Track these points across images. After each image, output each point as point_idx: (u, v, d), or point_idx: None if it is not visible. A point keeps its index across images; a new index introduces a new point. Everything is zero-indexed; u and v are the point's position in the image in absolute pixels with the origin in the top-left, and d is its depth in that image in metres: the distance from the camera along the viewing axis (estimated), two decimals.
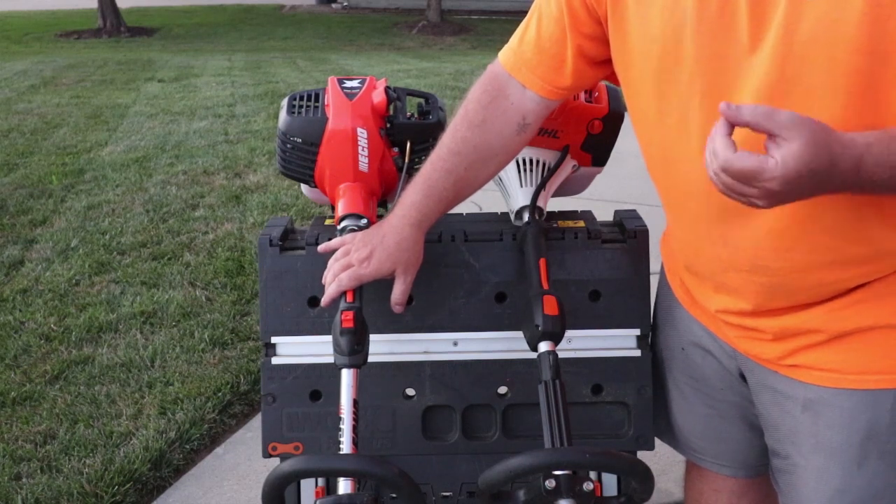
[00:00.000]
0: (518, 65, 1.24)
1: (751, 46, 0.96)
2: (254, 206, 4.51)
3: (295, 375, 1.45)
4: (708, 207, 1.07)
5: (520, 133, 1.29)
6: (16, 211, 4.52)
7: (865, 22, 0.88)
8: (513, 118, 1.27)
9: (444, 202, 1.32)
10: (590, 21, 1.15)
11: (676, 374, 1.39)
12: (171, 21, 16.86)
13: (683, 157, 1.07)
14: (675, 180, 1.12)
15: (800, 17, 0.91)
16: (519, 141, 1.30)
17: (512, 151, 1.33)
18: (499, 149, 1.30)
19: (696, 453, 1.42)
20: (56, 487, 2.24)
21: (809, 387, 1.14)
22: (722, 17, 0.97)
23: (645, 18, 1.05)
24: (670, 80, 1.04)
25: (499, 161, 1.32)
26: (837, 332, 1.10)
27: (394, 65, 10.39)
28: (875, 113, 0.92)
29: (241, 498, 2.26)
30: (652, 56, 1.06)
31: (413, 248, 1.32)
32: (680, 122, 1.06)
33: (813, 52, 0.91)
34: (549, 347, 1.26)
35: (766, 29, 0.94)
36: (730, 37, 0.97)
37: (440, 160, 1.31)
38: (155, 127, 6.55)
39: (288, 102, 1.54)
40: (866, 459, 1.12)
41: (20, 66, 10.33)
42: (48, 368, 2.87)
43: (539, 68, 1.22)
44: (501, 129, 1.28)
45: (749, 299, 1.14)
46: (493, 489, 1.15)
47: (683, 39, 1.01)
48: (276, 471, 1.15)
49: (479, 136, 1.28)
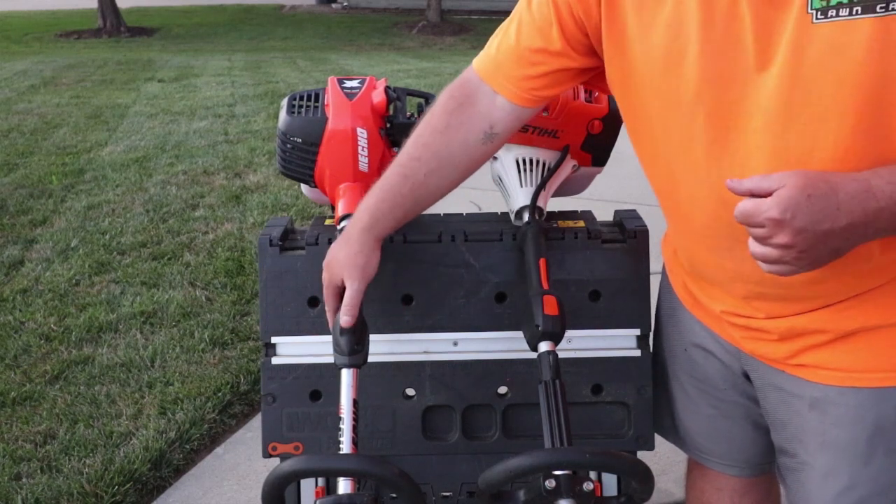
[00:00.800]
0: (492, 71, 1.22)
1: (757, 66, 0.96)
2: (254, 206, 4.51)
3: (295, 375, 1.45)
4: (715, 222, 1.08)
5: (485, 143, 1.25)
6: (16, 211, 4.52)
7: (874, 47, 0.88)
8: (478, 126, 1.24)
9: (400, 208, 1.28)
10: (577, 32, 1.14)
11: (680, 375, 1.39)
12: (171, 21, 16.86)
13: (689, 175, 1.08)
14: (681, 195, 1.12)
15: (808, 40, 0.91)
16: (484, 151, 1.26)
17: (476, 161, 1.28)
18: (461, 157, 1.26)
19: (701, 453, 1.42)
20: (56, 487, 2.24)
21: (816, 385, 1.15)
22: (728, 38, 0.97)
23: (646, 37, 1.05)
24: (674, 100, 1.04)
25: (460, 171, 1.28)
26: (842, 331, 1.10)
27: (394, 65, 10.39)
28: (884, 134, 0.93)
29: (241, 498, 2.26)
30: (654, 74, 1.05)
31: (360, 254, 1.27)
32: (684, 140, 1.06)
33: (821, 74, 0.92)
34: (549, 347, 1.26)
35: (773, 51, 0.94)
36: (735, 57, 0.97)
37: (398, 165, 1.27)
38: (155, 127, 6.55)
39: (288, 102, 1.54)
40: (873, 456, 1.13)
41: (20, 66, 10.33)
42: (48, 368, 2.87)
43: (513, 75, 1.20)
44: (465, 136, 1.24)
45: (756, 306, 1.15)
46: (493, 489, 1.15)
47: (687, 59, 1.01)
48: (276, 471, 1.15)
49: (441, 142, 1.25)
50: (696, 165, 1.05)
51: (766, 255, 0.94)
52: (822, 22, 0.90)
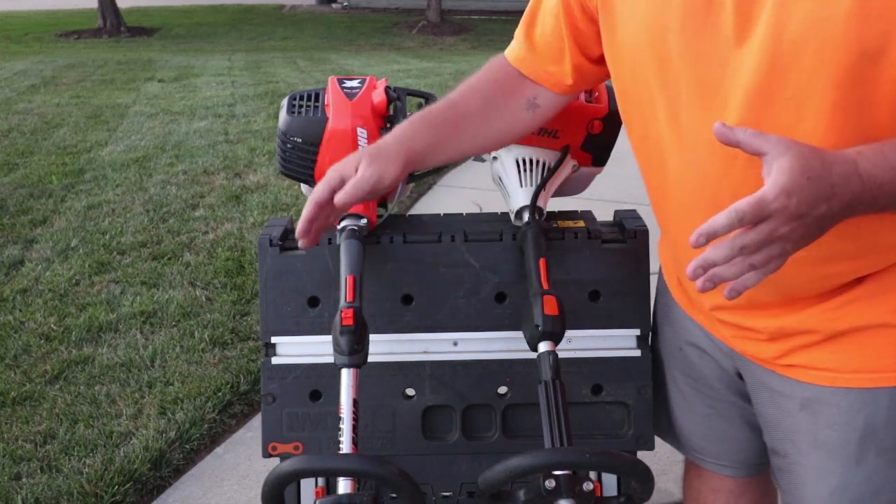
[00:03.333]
0: (527, 63, 1.25)
1: (736, 41, 0.95)
2: (254, 206, 4.51)
3: (295, 375, 1.45)
4: (700, 200, 1.07)
5: (528, 109, 1.26)
6: (16, 211, 4.52)
7: (853, 21, 0.88)
8: (522, 94, 1.26)
9: (435, 130, 1.23)
10: (584, 18, 1.16)
11: (675, 374, 1.39)
12: (171, 21, 16.85)
13: (674, 152, 1.08)
14: (668, 173, 1.12)
15: (787, 15, 0.91)
16: (526, 118, 1.27)
17: (516, 124, 1.27)
18: (504, 112, 1.26)
19: (697, 453, 1.42)
20: (56, 487, 2.24)
21: (806, 386, 1.14)
22: (708, 13, 0.97)
23: (632, 13, 1.06)
24: (658, 75, 1.04)
25: (500, 126, 1.26)
26: (832, 332, 1.10)
27: (394, 65, 10.39)
28: (864, 109, 0.92)
29: (241, 498, 2.26)
30: (639, 51, 1.06)
31: (385, 153, 1.18)
32: (669, 117, 1.06)
33: (801, 49, 0.91)
34: (549, 347, 1.26)
35: (752, 25, 0.94)
36: (716, 32, 0.97)
37: (443, 99, 1.26)
38: (155, 127, 6.55)
39: (288, 102, 1.54)
40: (864, 457, 1.13)
41: (20, 66, 10.33)
42: (48, 368, 2.87)
43: (542, 70, 1.23)
44: (509, 97, 1.26)
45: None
46: (493, 489, 1.15)
47: (670, 34, 1.01)
48: (275, 471, 1.15)
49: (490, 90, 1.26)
50: (680, 141, 1.05)
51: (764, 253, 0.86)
52: None
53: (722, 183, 1.01)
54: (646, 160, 1.17)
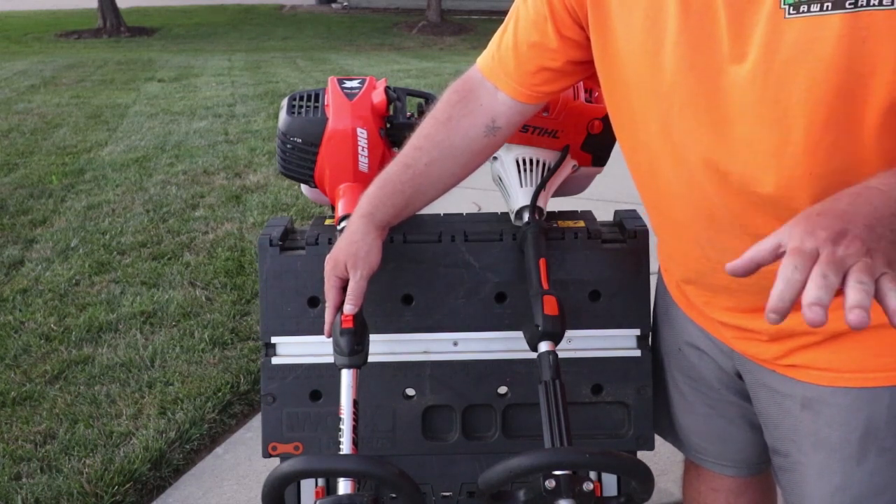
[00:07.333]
0: (493, 68, 1.23)
1: (731, 59, 0.96)
2: (254, 206, 4.51)
3: (295, 375, 1.45)
4: (694, 211, 1.08)
5: (487, 136, 1.26)
6: (16, 211, 4.52)
7: (843, 42, 0.88)
8: (481, 118, 1.25)
9: (400, 196, 1.28)
10: (571, 24, 1.15)
11: (675, 375, 1.39)
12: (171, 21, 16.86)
13: (666, 164, 1.08)
14: (660, 184, 1.12)
15: (780, 35, 0.91)
16: (486, 144, 1.27)
17: (477, 154, 1.29)
18: (463, 149, 1.27)
19: (698, 453, 1.42)
20: (56, 487, 2.24)
21: (807, 385, 1.15)
22: (702, 29, 0.97)
23: (627, 24, 1.05)
24: (652, 89, 1.05)
25: (461, 163, 1.28)
26: (832, 332, 1.10)
27: (394, 65, 10.39)
28: (854, 129, 0.92)
29: (241, 498, 2.26)
30: (634, 62, 1.06)
31: (362, 242, 1.27)
32: (662, 130, 1.06)
33: (793, 70, 0.92)
34: (549, 347, 1.26)
35: (747, 45, 0.94)
36: (710, 49, 0.97)
37: (401, 156, 1.29)
38: (155, 127, 6.55)
39: (288, 102, 1.54)
40: (866, 456, 1.13)
41: (20, 66, 10.33)
42: (48, 368, 2.87)
43: (515, 72, 1.21)
44: (467, 129, 1.26)
45: (740, 297, 1.14)
46: (493, 489, 1.15)
47: (664, 48, 1.01)
48: (276, 471, 1.15)
49: (443, 133, 1.26)
50: (673, 155, 1.05)
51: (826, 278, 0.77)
52: (795, 17, 0.90)
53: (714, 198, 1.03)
54: (637, 169, 1.17)
